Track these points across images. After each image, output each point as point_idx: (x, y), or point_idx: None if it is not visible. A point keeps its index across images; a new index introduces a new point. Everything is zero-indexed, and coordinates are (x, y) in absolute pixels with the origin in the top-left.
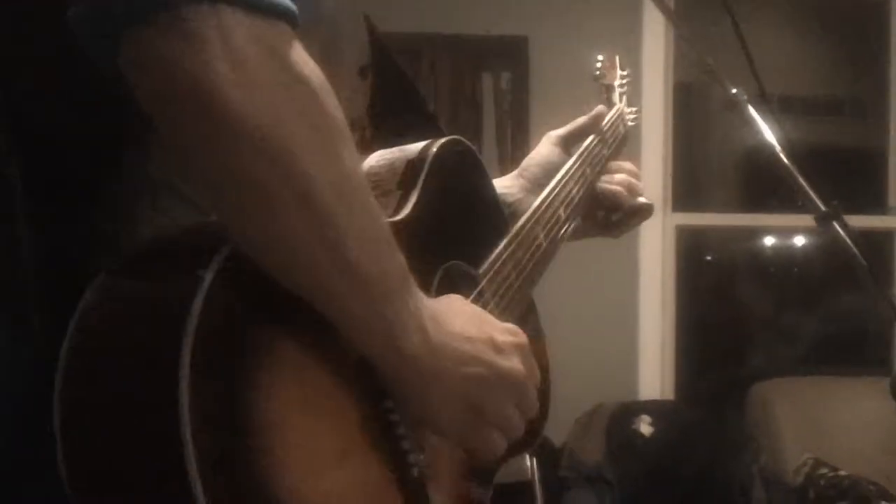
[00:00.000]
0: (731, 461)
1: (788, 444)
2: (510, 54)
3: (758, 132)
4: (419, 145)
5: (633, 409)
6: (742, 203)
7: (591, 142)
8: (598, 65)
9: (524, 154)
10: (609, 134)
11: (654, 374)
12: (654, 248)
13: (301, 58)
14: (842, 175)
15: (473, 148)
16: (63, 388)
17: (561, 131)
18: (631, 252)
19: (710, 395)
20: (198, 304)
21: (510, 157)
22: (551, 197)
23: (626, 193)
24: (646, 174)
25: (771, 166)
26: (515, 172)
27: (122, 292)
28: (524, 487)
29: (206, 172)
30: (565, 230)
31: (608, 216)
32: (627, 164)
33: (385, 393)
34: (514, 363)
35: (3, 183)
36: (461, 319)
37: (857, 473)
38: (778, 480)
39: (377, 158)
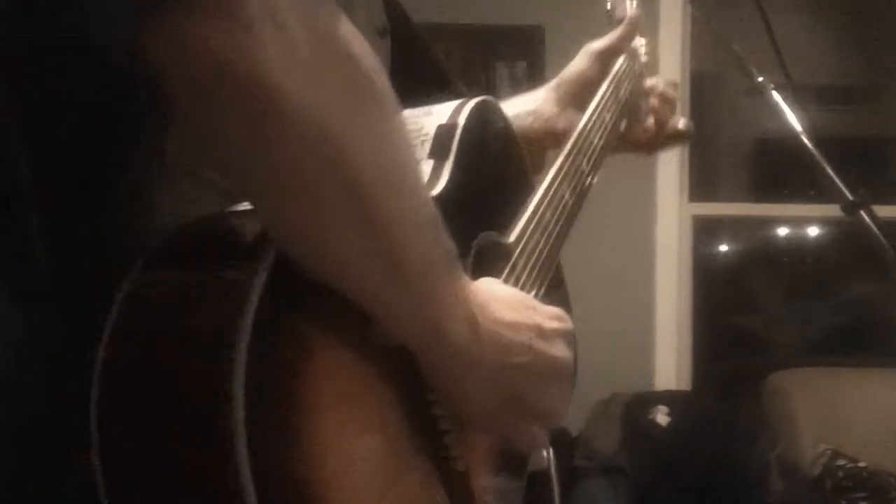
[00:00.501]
0: (747, 451)
1: (805, 434)
2: (526, 44)
3: (784, 120)
4: (448, 108)
5: (649, 399)
6: (758, 193)
7: (608, 88)
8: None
9: None
10: (626, 74)
11: (669, 364)
12: (670, 238)
13: (350, 34)
14: (857, 164)
15: (500, 105)
16: (103, 384)
17: (598, 44)
18: (647, 242)
19: (727, 385)
20: (253, 301)
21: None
22: (575, 149)
23: (669, 114)
24: (662, 164)
25: (796, 155)
26: (551, 85)
27: (165, 285)
28: (540, 477)
29: (248, 162)
30: (590, 182)
31: (646, 134)
32: (672, 83)
33: (428, 386)
34: (561, 350)
35: (15, 176)
36: (506, 306)
37: (874, 464)
38: (794, 471)
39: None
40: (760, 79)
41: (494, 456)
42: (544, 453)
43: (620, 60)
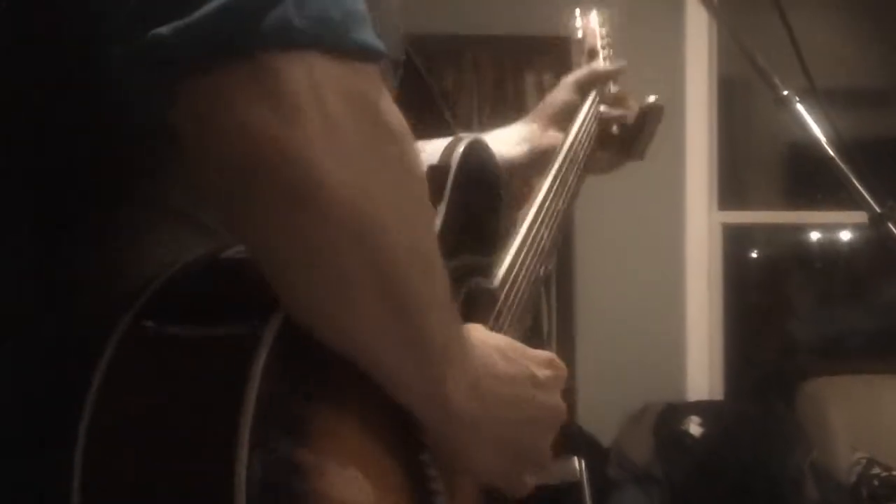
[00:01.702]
0: (781, 460)
1: (840, 442)
2: (553, 54)
3: (810, 133)
4: (440, 146)
5: (682, 409)
6: (788, 199)
7: (579, 129)
8: (577, 24)
9: None
10: (595, 108)
11: (701, 373)
12: (700, 247)
13: (389, 108)
14: (890, 168)
15: (489, 147)
16: (88, 447)
17: (579, 76)
18: (677, 251)
19: (760, 393)
20: (258, 367)
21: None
22: (552, 191)
23: (624, 110)
24: (690, 172)
25: (824, 166)
26: (533, 115)
27: (158, 348)
28: (573, 488)
29: (281, 246)
30: (565, 220)
31: (621, 139)
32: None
33: (423, 446)
34: (554, 399)
35: (14, 202)
36: (502, 356)
37: None
38: (830, 479)
39: None
40: (785, 92)
41: (478, 497)
42: (576, 464)
43: (591, 95)
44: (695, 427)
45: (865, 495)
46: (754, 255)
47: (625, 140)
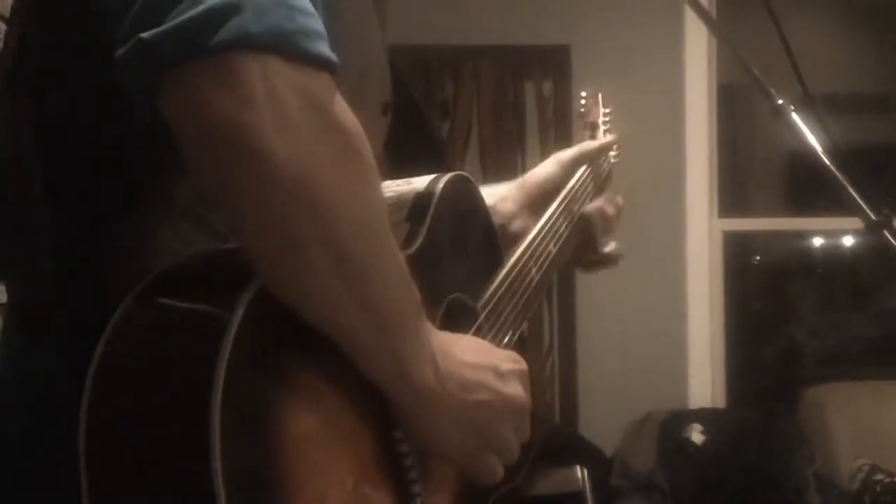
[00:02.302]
0: (784, 467)
1: (842, 449)
2: (552, 63)
3: (805, 141)
4: (426, 179)
5: (684, 417)
6: (788, 206)
7: (578, 181)
8: (583, 101)
9: None
10: (595, 174)
11: (704, 381)
12: (701, 255)
13: (341, 108)
14: (891, 175)
15: (474, 181)
16: (90, 413)
17: (569, 153)
18: (678, 259)
19: (762, 401)
20: (230, 335)
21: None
22: (543, 233)
23: (600, 227)
24: (690, 180)
25: (819, 174)
26: (516, 184)
27: (149, 319)
28: (576, 497)
29: (239, 214)
30: (556, 265)
31: (584, 248)
32: (613, 199)
33: (395, 422)
34: (516, 389)
35: (30, 206)
36: (466, 349)
37: None
38: (832, 486)
39: (385, 188)
40: (780, 101)
41: (457, 492)
42: (579, 473)
43: (582, 169)
44: (697, 435)
45: (868, 502)
46: (755, 262)
47: (582, 253)
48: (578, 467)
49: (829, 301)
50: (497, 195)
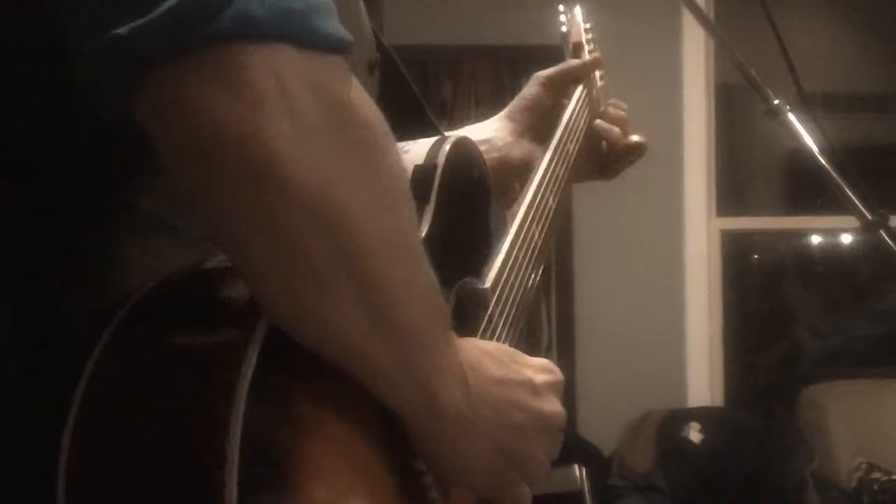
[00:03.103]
0: (783, 466)
1: (841, 448)
2: (550, 62)
3: (801, 142)
4: (424, 146)
5: (683, 416)
6: (787, 205)
7: (570, 116)
8: (562, 19)
9: None
10: (584, 104)
11: (702, 380)
12: (700, 254)
13: (359, 98)
14: (888, 174)
15: (476, 144)
16: (71, 465)
17: (549, 71)
18: (676, 258)
19: (760, 400)
20: (246, 379)
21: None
22: (542, 188)
23: (619, 132)
24: (689, 179)
25: (816, 175)
26: (503, 114)
27: (144, 356)
28: (574, 497)
29: (243, 240)
30: (556, 217)
31: (603, 158)
32: (617, 103)
33: (417, 453)
34: (552, 405)
35: None
36: (495, 362)
37: None
38: (831, 485)
39: None
40: (776, 101)
41: None
42: (577, 473)
43: (579, 90)
44: (695, 434)
45: (866, 501)
46: (753, 261)
47: (604, 160)
48: (577, 466)
49: (827, 300)
50: (488, 129)
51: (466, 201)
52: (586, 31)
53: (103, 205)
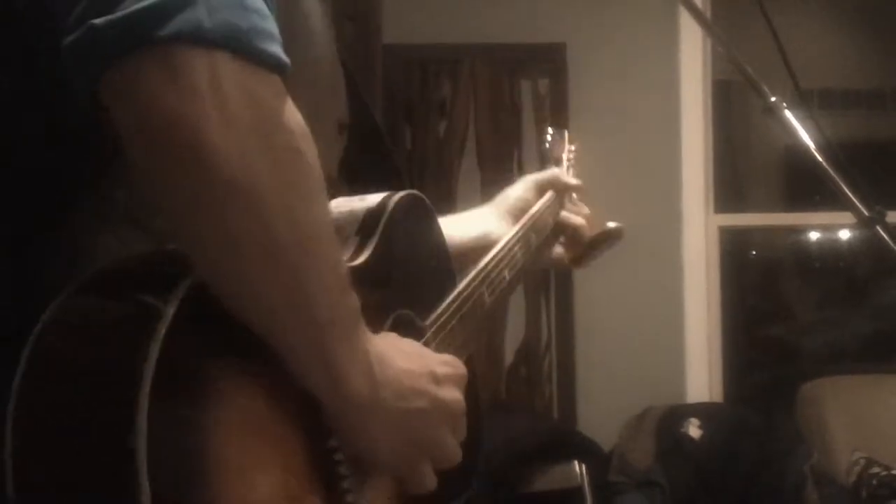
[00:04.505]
0: (781, 462)
1: (839, 443)
2: (548, 61)
3: (798, 139)
4: (380, 195)
5: (682, 412)
6: (785, 202)
7: (538, 211)
8: (548, 137)
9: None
10: (556, 207)
11: (701, 376)
12: (698, 250)
13: (288, 110)
14: (885, 170)
15: (428, 202)
16: (17, 414)
17: (541, 176)
18: (674, 255)
19: (759, 395)
20: (160, 332)
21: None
22: (498, 258)
23: (587, 226)
24: (686, 176)
25: (814, 171)
26: (494, 204)
27: (81, 315)
28: (574, 493)
29: (176, 210)
30: (508, 290)
31: (572, 247)
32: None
33: (329, 431)
34: (452, 393)
35: None
36: (402, 355)
37: None
38: (830, 480)
39: (339, 204)
40: (773, 99)
41: (398, 501)
42: (577, 469)
43: (548, 195)
44: (695, 430)
45: (865, 495)
46: (752, 257)
47: (576, 250)
48: (576, 463)
49: (825, 296)
50: (484, 219)
51: (414, 244)
52: (570, 151)
53: (75, 202)
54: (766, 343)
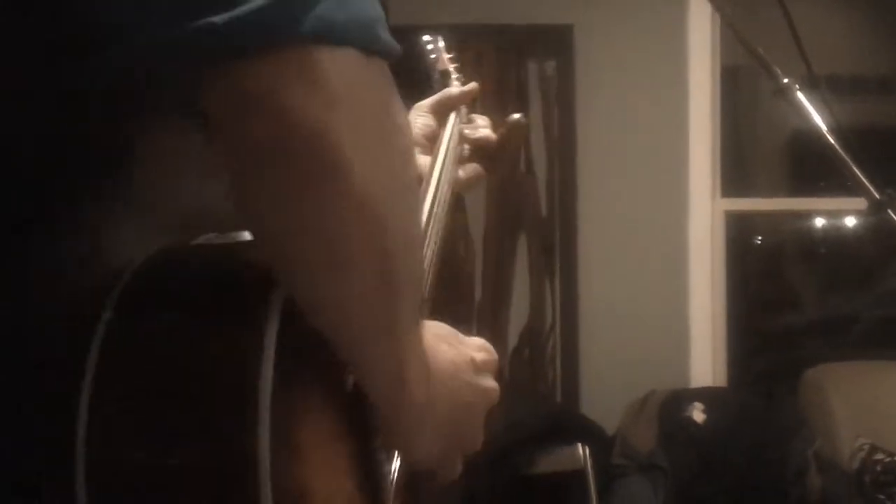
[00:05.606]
0: (785, 447)
1: (843, 429)
2: (555, 42)
3: (810, 121)
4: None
5: (686, 396)
6: (791, 187)
7: (449, 140)
8: (428, 47)
9: (571, 140)
10: (456, 130)
11: (705, 360)
12: (703, 235)
13: (398, 103)
14: (892, 156)
15: None
16: (97, 446)
17: (430, 101)
18: (680, 239)
19: (763, 381)
20: (269, 353)
21: (557, 144)
22: (434, 206)
23: (491, 132)
24: (693, 160)
25: (823, 154)
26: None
27: (156, 334)
28: (577, 475)
29: (289, 222)
30: (446, 234)
31: (485, 158)
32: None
33: (376, 431)
34: (490, 382)
35: None
36: (444, 345)
37: None
38: (833, 466)
39: None
40: (786, 80)
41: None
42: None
43: (452, 116)
44: (698, 414)
45: (868, 481)
46: (757, 242)
47: (487, 158)
48: (580, 445)
49: (830, 281)
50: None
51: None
52: (450, 59)
53: (95, 193)
54: (770, 328)
